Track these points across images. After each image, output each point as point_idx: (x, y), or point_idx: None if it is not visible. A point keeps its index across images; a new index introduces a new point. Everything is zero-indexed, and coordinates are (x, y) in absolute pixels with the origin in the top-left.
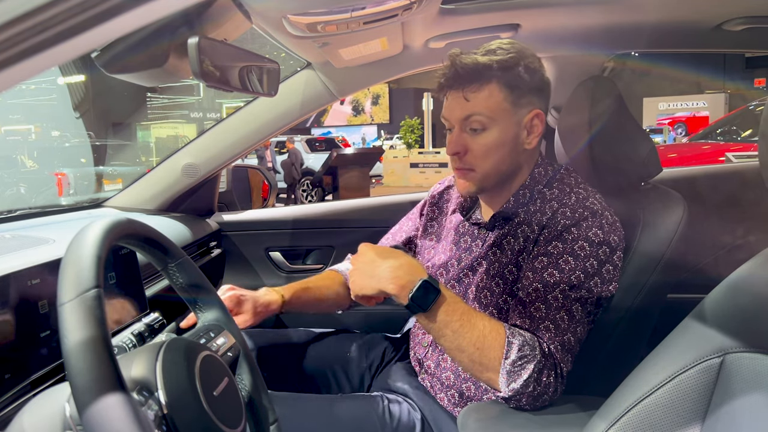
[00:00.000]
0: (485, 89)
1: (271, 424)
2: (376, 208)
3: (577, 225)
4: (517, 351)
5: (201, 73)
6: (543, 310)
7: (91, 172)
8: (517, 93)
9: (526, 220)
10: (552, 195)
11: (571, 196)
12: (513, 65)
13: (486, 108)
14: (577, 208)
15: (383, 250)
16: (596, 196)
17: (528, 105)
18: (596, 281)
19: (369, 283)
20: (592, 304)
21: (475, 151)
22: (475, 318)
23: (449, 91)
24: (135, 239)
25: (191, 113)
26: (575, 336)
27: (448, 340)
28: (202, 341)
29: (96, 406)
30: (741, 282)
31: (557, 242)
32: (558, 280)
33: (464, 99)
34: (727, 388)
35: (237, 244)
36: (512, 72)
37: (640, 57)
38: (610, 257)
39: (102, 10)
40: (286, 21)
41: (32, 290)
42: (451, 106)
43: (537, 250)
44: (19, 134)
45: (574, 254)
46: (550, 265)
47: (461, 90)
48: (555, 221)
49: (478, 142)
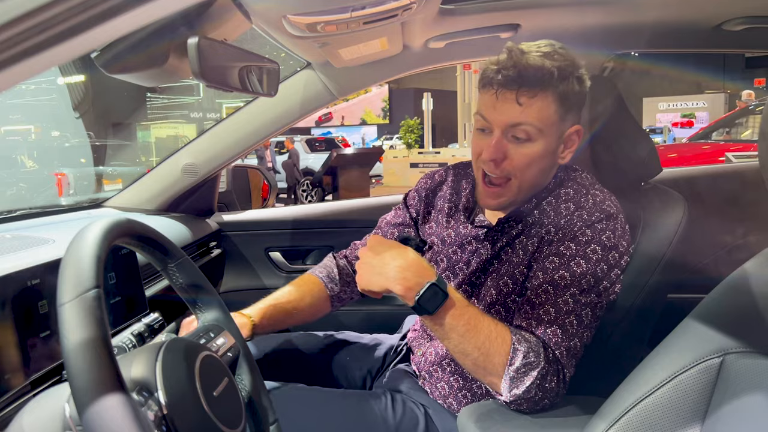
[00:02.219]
0: (541, 97)
1: (271, 424)
2: (376, 208)
3: (592, 227)
4: (522, 358)
5: (201, 73)
6: (552, 314)
7: (91, 172)
8: (567, 105)
9: (540, 221)
10: (567, 195)
11: (588, 198)
12: (569, 74)
13: (538, 119)
14: (594, 211)
15: (393, 246)
16: (612, 198)
17: (571, 119)
18: (605, 285)
19: (376, 280)
20: (601, 308)
21: (516, 160)
22: (482, 323)
23: (501, 90)
24: (135, 239)
25: (191, 113)
26: (581, 341)
27: (453, 343)
28: (201, 341)
29: (96, 406)
30: (741, 282)
31: (570, 243)
32: (569, 282)
33: (517, 103)
34: (727, 388)
35: (237, 245)
36: (567, 82)
37: (640, 57)
38: (618, 261)
39: (102, 10)
40: (285, 21)
41: (32, 290)
42: (500, 107)
43: (549, 249)
44: (19, 134)
45: (587, 257)
46: (562, 266)
47: (515, 92)
48: (571, 222)
49: (520, 152)
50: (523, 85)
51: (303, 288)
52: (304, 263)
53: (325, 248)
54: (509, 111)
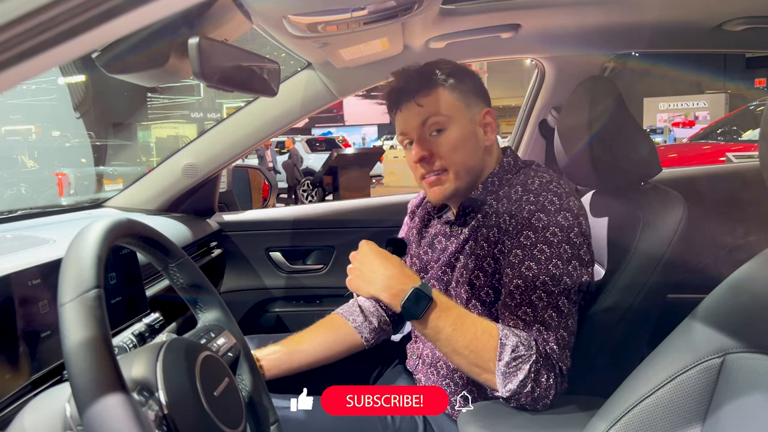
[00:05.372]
0: (434, 93)
1: (271, 424)
2: (376, 208)
3: (544, 210)
4: (511, 352)
5: (201, 73)
6: (531, 314)
7: (91, 173)
8: (464, 92)
9: (495, 209)
10: (517, 180)
11: (534, 180)
12: (451, 71)
13: (441, 108)
14: (541, 192)
15: (380, 255)
16: (560, 181)
17: (476, 104)
18: (575, 265)
19: (365, 287)
20: (576, 293)
21: (442, 151)
22: (468, 321)
23: (401, 103)
24: (135, 239)
25: (192, 113)
26: (567, 330)
27: (443, 344)
28: (202, 341)
29: (96, 406)
30: (741, 282)
31: (528, 231)
32: (537, 272)
33: (417, 105)
34: (727, 388)
35: (237, 245)
36: (454, 76)
37: (640, 57)
38: (583, 241)
39: (103, 11)
40: (286, 21)
41: (33, 290)
42: (407, 116)
43: (510, 242)
44: (19, 134)
45: (548, 242)
46: (526, 257)
47: (413, 99)
48: (521, 207)
49: (441, 143)
50: (417, 90)
51: (332, 336)
52: (304, 263)
53: (326, 248)
54: (415, 114)
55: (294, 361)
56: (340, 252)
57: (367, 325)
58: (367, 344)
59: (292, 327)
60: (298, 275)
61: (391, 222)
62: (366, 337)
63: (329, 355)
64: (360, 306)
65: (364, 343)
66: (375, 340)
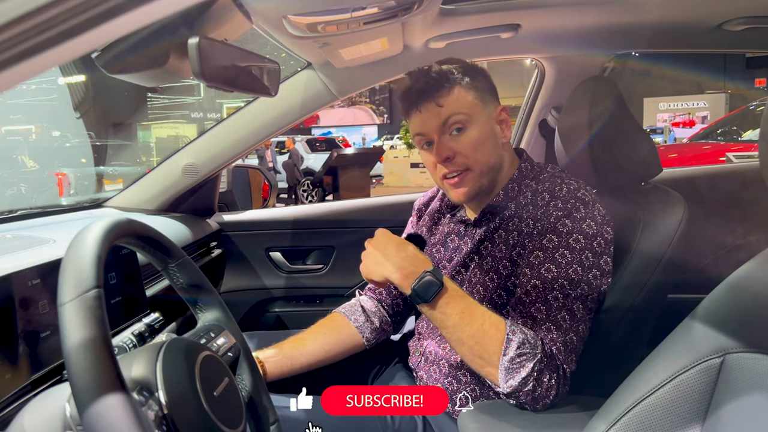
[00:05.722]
0: (453, 92)
1: (271, 424)
2: (376, 208)
3: (570, 216)
4: (516, 348)
5: (201, 73)
6: (543, 312)
7: (91, 172)
8: (480, 91)
9: (518, 214)
10: (543, 187)
11: (562, 187)
12: (465, 69)
13: (461, 107)
14: (569, 199)
15: (395, 240)
16: (586, 187)
17: (491, 101)
18: (595, 274)
19: (377, 269)
20: (593, 300)
21: (464, 150)
22: (476, 312)
23: (420, 104)
24: (135, 239)
25: (192, 113)
26: (578, 335)
27: (449, 332)
28: (202, 341)
29: (96, 406)
30: (741, 282)
31: (552, 235)
32: (556, 275)
33: (437, 106)
34: (727, 388)
35: (237, 245)
36: (468, 74)
37: (640, 57)
38: (605, 249)
39: (103, 11)
40: (286, 21)
41: (33, 290)
42: (426, 117)
43: (532, 244)
44: (19, 134)
45: (570, 247)
46: (547, 259)
47: (432, 99)
48: (548, 213)
49: (463, 141)
50: (436, 90)
51: (332, 337)
52: (304, 263)
53: (326, 248)
54: (435, 114)
55: (296, 364)
56: (340, 252)
57: (369, 326)
58: (368, 344)
59: (292, 327)
60: (298, 275)
61: (391, 222)
62: (367, 337)
63: (330, 356)
64: (362, 306)
65: (365, 343)
66: (376, 340)
